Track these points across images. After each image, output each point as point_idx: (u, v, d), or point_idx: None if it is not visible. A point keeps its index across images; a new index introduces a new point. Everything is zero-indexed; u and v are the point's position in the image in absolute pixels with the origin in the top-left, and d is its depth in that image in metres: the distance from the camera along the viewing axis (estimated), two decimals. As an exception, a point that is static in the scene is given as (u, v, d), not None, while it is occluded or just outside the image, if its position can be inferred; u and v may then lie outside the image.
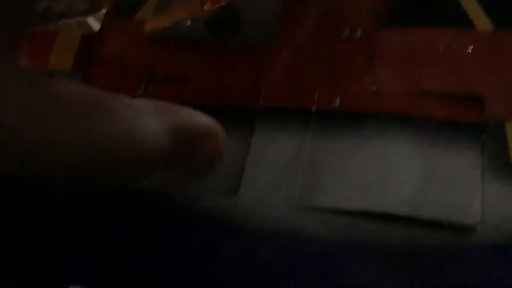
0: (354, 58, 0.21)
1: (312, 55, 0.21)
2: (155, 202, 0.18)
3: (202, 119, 0.17)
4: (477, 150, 0.18)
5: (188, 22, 0.22)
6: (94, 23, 0.24)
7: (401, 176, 0.18)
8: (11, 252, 0.19)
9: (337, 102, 0.20)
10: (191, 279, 0.17)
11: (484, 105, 0.19)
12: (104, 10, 0.24)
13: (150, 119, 0.16)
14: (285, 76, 0.21)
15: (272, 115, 0.20)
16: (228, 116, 0.19)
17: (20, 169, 0.15)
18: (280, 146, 0.19)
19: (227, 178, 0.18)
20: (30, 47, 0.23)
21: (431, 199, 0.17)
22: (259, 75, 0.21)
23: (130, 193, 0.18)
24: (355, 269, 0.17)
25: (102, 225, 0.19)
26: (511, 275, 0.16)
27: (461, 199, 0.17)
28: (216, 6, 0.22)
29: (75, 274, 0.18)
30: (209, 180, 0.18)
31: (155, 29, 0.22)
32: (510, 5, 0.21)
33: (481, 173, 0.18)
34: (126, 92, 0.17)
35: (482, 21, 0.21)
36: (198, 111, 0.17)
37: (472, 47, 0.20)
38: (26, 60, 0.23)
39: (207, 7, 0.22)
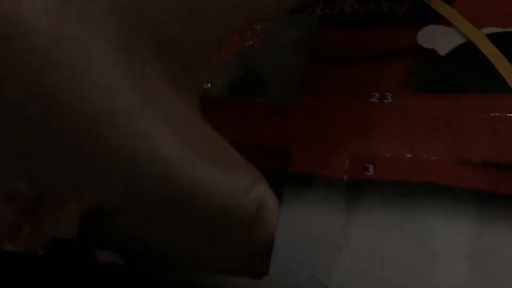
0: (386, 123, 0.19)
1: (341, 119, 0.19)
2: (177, 285, 0.16)
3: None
4: None
5: (209, 85, 0.20)
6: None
7: (449, 257, 0.16)
8: None
9: (371, 170, 0.18)
10: None
11: None
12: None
13: None
14: (313, 140, 0.19)
15: (300, 183, 0.18)
16: None
17: None
18: (311, 219, 0.17)
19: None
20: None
21: (482, 283, 0.15)
22: (287, 138, 0.19)
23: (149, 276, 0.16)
24: None
25: None
26: None
27: None
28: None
29: None
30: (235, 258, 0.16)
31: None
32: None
33: None
34: None
35: None
36: None
37: None
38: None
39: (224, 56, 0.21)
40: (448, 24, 0.21)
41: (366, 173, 0.18)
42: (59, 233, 0.15)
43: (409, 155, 0.18)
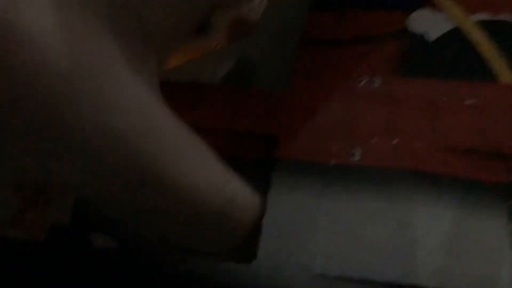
0: (374, 108, 0.20)
1: (329, 105, 0.20)
2: (169, 266, 0.17)
3: None
4: (505, 216, 0.17)
5: (202, 72, 0.21)
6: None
7: (429, 244, 0.17)
8: None
9: (357, 156, 0.19)
10: None
11: (511, 164, 0.18)
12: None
13: None
14: (301, 125, 0.20)
15: (288, 168, 0.19)
16: (241, 168, 0.18)
17: None
18: (298, 204, 0.18)
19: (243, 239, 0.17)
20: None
21: (460, 270, 0.16)
22: (275, 123, 0.20)
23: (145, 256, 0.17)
24: None
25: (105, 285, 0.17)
26: None
27: (490, 271, 0.16)
28: (226, 44, 0.21)
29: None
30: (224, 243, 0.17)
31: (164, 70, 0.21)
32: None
33: (509, 242, 0.17)
34: None
35: (506, 76, 0.20)
36: None
37: (498, 101, 0.19)
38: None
39: (218, 45, 0.21)
40: (438, 9, 0.22)
41: (352, 159, 0.19)
42: (55, 220, 0.16)
43: (394, 141, 0.19)
